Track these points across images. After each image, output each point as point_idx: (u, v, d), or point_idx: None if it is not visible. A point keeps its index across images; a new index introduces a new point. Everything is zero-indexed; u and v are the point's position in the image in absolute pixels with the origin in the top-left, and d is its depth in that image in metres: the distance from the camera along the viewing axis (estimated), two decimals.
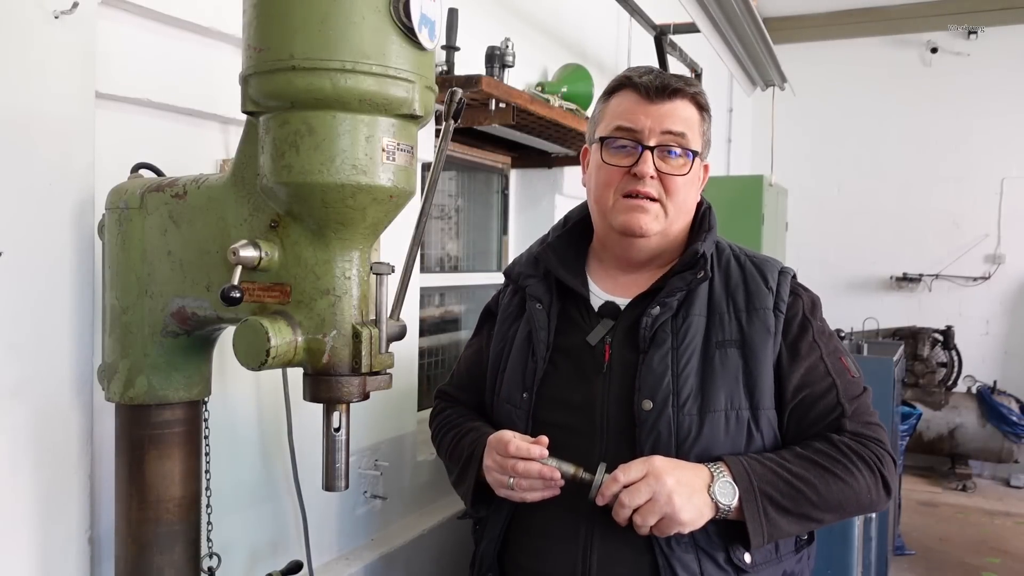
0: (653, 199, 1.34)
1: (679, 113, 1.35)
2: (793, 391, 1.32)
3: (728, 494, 1.21)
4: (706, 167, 1.46)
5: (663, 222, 1.36)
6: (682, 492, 1.19)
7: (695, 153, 1.36)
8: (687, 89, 1.37)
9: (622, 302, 1.40)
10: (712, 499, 1.21)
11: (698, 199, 1.45)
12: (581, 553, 1.31)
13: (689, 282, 1.34)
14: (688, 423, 1.27)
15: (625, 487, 1.20)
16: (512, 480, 1.28)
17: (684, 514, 1.19)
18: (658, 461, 1.22)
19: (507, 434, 1.31)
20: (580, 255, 1.49)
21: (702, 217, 1.44)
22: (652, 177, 1.33)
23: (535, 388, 1.37)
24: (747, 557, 1.28)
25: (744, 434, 1.29)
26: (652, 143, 1.33)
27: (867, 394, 1.37)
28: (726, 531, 1.27)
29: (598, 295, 1.43)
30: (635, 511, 1.20)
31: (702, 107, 1.39)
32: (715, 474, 1.23)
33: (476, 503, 1.43)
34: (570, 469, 1.25)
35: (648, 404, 1.28)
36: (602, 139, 1.38)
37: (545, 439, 1.29)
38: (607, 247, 1.45)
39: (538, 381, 1.38)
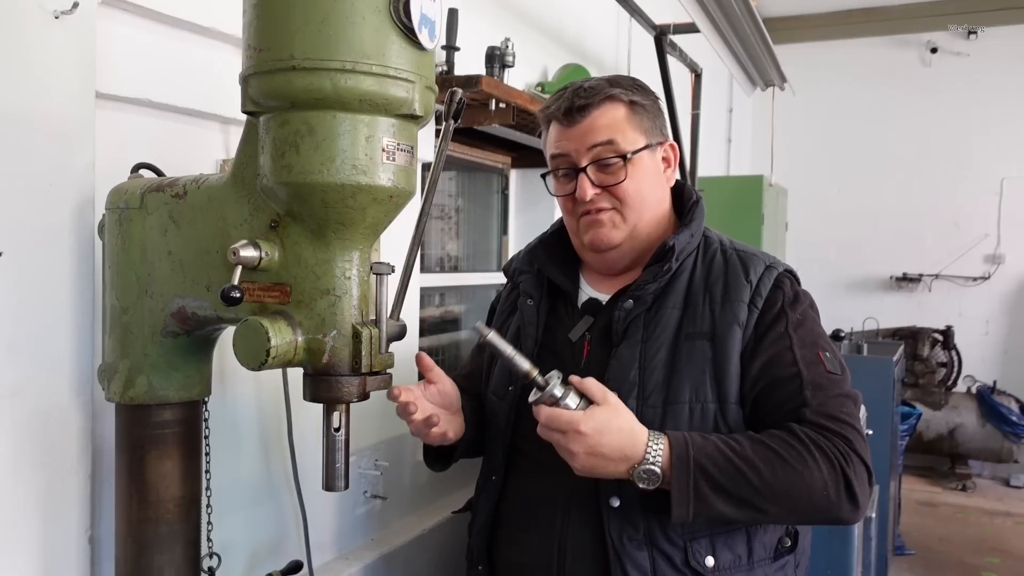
0: (608, 210, 1.35)
1: (597, 123, 1.34)
2: (752, 381, 1.27)
3: (652, 480, 1.16)
4: (672, 146, 1.43)
5: (625, 228, 1.36)
6: (589, 460, 1.15)
7: (627, 156, 1.33)
8: (595, 98, 1.34)
9: (605, 299, 1.41)
10: (632, 478, 1.17)
11: (670, 184, 1.43)
12: (557, 545, 1.32)
13: (655, 275, 1.33)
14: (651, 415, 1.26)
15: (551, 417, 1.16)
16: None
17: (577, 466, 1.17)
18: (597, 421, 1.15)
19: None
20: (574, 252, 1.49)
21: (689, 210, 1.42)
22: (598, 194, 1.34)
23: (520, 382, 1.37)
24: (709, 560, 1.24)
25: (710, 428, 1.26)
26: (584, 163, 1.34)
27: (845, 393, 1.28)
28: (687, 529, 1.25)
29: (586, 292, 1.44)
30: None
31: (628, 102, 1.36)
32: (647, 454, 1.16)
33: (431, 461, 1.48)
34: (524, 365, 1.17)
35: None
36: (544, 175, 1.43)
37: (427, 360, 1.34)
38: (590, 260, 1.46)
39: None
